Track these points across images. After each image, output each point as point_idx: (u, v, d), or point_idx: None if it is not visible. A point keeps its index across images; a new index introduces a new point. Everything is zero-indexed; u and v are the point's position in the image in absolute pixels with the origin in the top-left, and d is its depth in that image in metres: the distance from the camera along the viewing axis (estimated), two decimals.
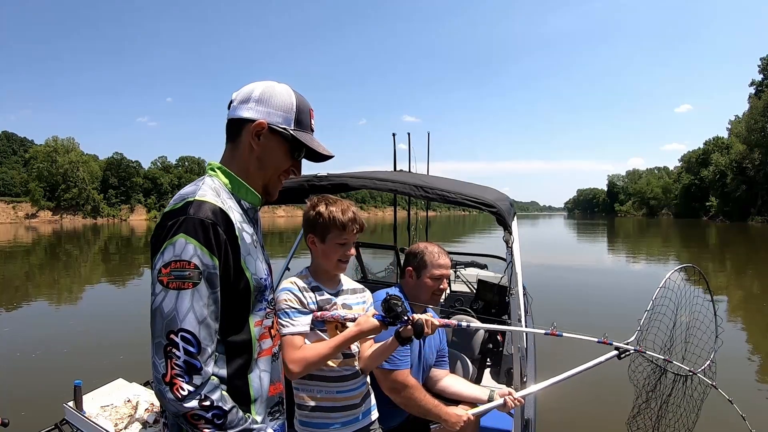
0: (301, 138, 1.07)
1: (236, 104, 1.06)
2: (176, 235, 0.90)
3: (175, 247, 0.90)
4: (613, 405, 2.31)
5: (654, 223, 62.78)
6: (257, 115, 1.04)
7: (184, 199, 0.96)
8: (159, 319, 0.90)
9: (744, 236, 32.21)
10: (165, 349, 0.89)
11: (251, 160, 1.06)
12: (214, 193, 1.00)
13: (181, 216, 0.92)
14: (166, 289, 0.89)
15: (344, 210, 1.49)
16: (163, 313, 0.89)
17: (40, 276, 13.56)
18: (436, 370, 2.01)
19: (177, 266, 0.89)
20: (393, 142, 4.31)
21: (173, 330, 0.89)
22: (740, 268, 15.25)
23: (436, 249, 1.96)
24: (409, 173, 3.51)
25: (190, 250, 0.90)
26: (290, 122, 1.07)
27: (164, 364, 0.89)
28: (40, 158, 70.49)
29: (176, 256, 0.89)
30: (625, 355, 1.79)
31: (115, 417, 1.78)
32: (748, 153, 56.85)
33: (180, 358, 0.89)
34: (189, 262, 0.89)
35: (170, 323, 0.89)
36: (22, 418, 3.05)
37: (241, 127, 1.05)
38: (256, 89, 1.06)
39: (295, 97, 1.08)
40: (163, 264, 0.90)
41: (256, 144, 1.05)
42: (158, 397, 0.92)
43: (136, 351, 5.58)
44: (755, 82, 62.23)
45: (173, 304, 0.89)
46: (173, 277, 0.89)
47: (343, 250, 1.50)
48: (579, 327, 1.76)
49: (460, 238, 25.74)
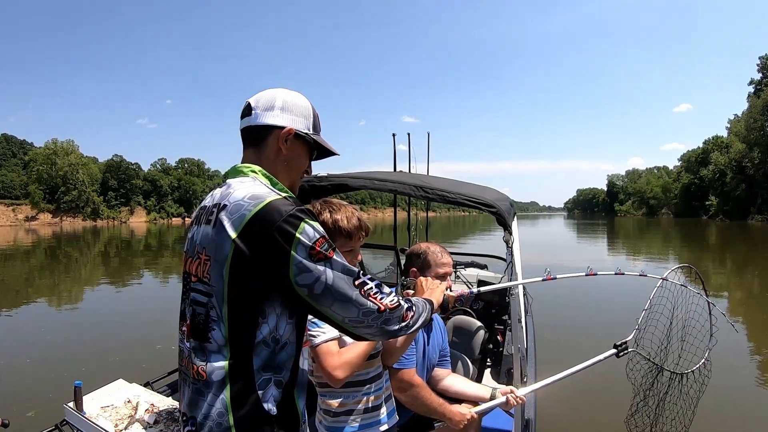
0: (320, 141, 1.18)
1: (260, 111, 1.13)
2: (299, 224, 0.98)
3: (307, 231, 0.98)
4: (614, 404, 2.32)
5: (654, 223, 62.80)
6: (285, 122, 1.13)
7: (266, 199, 1.00)
8: (344, 281, 1.00)
9: (744, 235, 32.23)
10: (362, 293, 1.02)
11: (278, 163, 1.14)
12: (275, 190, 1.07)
13: (289, 210, 0.99)
14: (327, 260, 0.99)
15: (349, 217, 1.47)
16: (342, 275, 1.00)
17: (40, 278, 13.56)
18: (438, 369, 2.02)
19: (321, 242, 0.99)
20: (393, 143, 4.33)
21: (355, 276, 1.02)
22: (740, 266, 15.26)
23: (438, 248, 1.97)
24: (408, 173, 3.52)
25: (319, 228, 1.01)
26: (309, 128, 1.16)
27: (371, 303, 1.03)
28: (39, 160, 70.53)
29: (315, 236, 0.99)
30: (623, 354, 1.80)
31: (116, 418, 1.78)
32: (747, 152, 56.86)
33: (373, 288, 1.04)
34: (324, 237, 1.00)
35: (351, 273, 1.01)
36: (22, 418, 3.05)
37: (267, 133, 1.12)
38: (278, 98, 1.14)
39: (310, 106, 1.18)
40: (310, 248, 0.98)
41: (285, 148, 1.13)
42: (381, 333, 1.06)
43: (137, 352, 5.60)
44: (754, 81, 62.25)
45: (341, 263, 1.01)
46: (324, 250, 0.99)
47: (350, 257, 1.47)
48: (579, 326, 1.77)
49: (460, 239, 25.74)
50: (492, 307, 3.35)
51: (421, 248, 1.98)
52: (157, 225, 67.12)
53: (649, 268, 11.92)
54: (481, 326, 2.87)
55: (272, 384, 1.00)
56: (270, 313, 0.99)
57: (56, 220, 69.44)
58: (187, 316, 1.05)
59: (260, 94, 1.16)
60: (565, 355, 4.62)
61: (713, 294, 9.71)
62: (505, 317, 3.07)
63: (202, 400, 0.99)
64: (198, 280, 1.02)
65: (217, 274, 0.98)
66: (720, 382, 1.95)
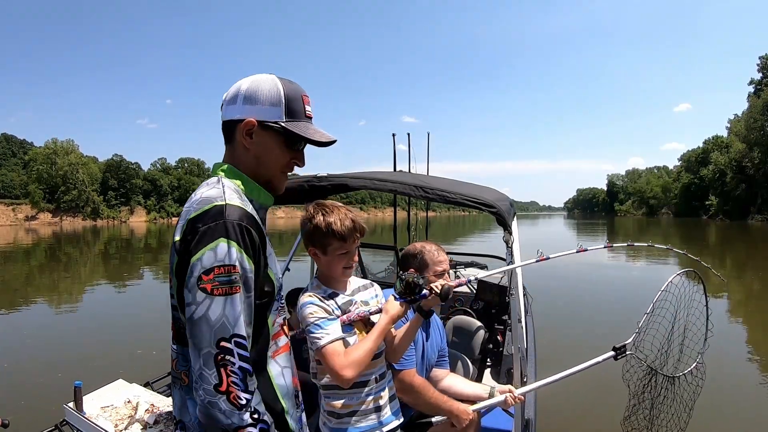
0: (294, 129, 1.03)
1: (226, 106, 1.05)
2: (216, 240, 0.87)
3: (216, 252, 0.86)
4: (614, 405, 2.32)
5: (654, 223, 62.76)
6: (246, 113, 1.01)
7: (212, 203, 0.92)
8: (206, 329, 0.86)
9: (744, 235, 32.22)
10: (216, 358, 0.86)
11: (250, 160, 1.04)
12: (236, 195, 0.98)
13: (218, 220, 0.89)
14: (210, 296, 0.86)
15: (342, 219, 1.43)
16: (211, 322, 0.86)
17: (40, 278, 13.55)
18: (437, 370, 2.02)
19: (221, 271, 0.86)
20: (393, 143, 4.32)
21: (225, 337, 0.86)
22: (740, 266, 15.26)
23: (434, 247, 1.98)
24: (408, 173, 3.52)
25: (234, 254, 0.87)
26: (281, 114, 1.02)
27: (216, 373, 0.85)
28: (39, 160, 70.48)
29: (219, 261, 0.86)
30: (621, 357, 1.80)
31: (116, 418, 1.79)
32: (747, 152, 56.84)
33: (236, 364, 0.87)
34: (233, 266, 0.87)
35: (221, 330, 0.86)
36: (22, 418, 3.05)
37: (233, 129, 1.03)
38: (242, 87, 1.04)
39: (282, 87, 1.03)
40: (204, 271, 0.86)
41: (249, 143, 1.02)
42: (204, 412, 0.87)
43: (137, 352, 5.59)
44: (754, 80, 62.18)
45: (221, 310, 0.86)
46: (218, 283, 0.86)
47: (347, 258, 1.46)
48: (578, 325, 1.77)
49: (460, 239, 25.73)
50: (492, 307, 3.35)
51: (417, 248, 1.98)
52: (157, 225, 67.09)
53: (650, 268, 11.94)
54: (481, 326, 2.87)
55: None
56: None
57: (56, 220, 69.40)
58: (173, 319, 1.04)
59: (232, 85, 1.07)
60: (565, 356, 4.62)
61: (713, 294, 9.72)
62: (505, 317, 3.07)
63: (188, 405, 0.98)
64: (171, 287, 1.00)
65: (173, 281, 0.96)
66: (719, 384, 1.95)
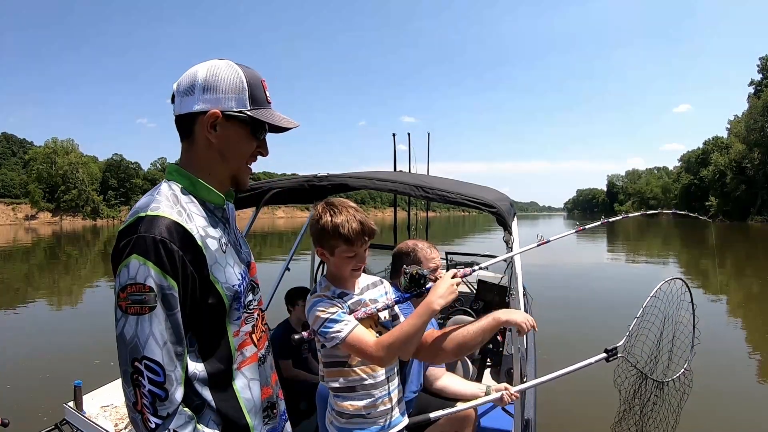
0: (261, 117, 0.97)
1: (181, 97, 0.95)
2: (129, 256, 0.84)
3: (129, 269, 0.84)
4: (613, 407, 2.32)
5: (654, 223, 62.70)
6: (208, 104, 0.94)
7: (136, 215, 0.88)
8: (122, 347, 0.86)
9: (744, 236, 32.24)
10: (132, 377, 0.86)
11: (211, 155, 0.97)
12: (170, 202, 0.92)
13: (132, 235, 0.86)
14: (125, 314, 0.85)
15: (350, 221, 1.39)
16: (126, 340, 0.85)
17: (40, 277, 13.55)
18: (433, 369, 2.01)
19: (133, 290, 0.84)
20: (393, 143, 4.33)
21: (137, 358, 0.85)
22: (740, 267, 15.26)
23: (426, 244, 1.98)
24: (409, 173, 3.52)
25: (144, 272, 0.84)
26: (245, 102, 0.96)
27: (133, 392, 0.86)
28: (39, 159, 70.45)
29: (131, 279, 0.84)
30: (612, 359, 1.82)
31: (115, 417, 1.79)
32: (747, 153, 56.83)
33: (145, 387, 0.85)
34: (144, 285, 0.84)
35: (133, 351, 0.85)
36: (22, 418, 3.05)
37: (192, 122, 0.95)
38: (198, 75, 0.95)
39: (243, 73, 0.96)
40: (120, 288, 0.85)
41: (214, 137, 0.95)
42: (133, 425, 0.89)
43: None
44: (754, 81, 62.17)
45: (134, 330, 0.84)
46: (130, 301, 0.84)
47: (354, 261, 1.43)
48: (578, 325, 1.77)
49: (460, 238, 25.73)
50: (492, 307, 3.35)
51: (409, 246, 1.98)
52: None
53: (649, 269, 11.93)
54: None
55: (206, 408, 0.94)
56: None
57: (56, 219, 69.37)
58: None
59: (185, 73, 0.98)
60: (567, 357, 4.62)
61: (713, 294, 9.71)
62: None
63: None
64: None
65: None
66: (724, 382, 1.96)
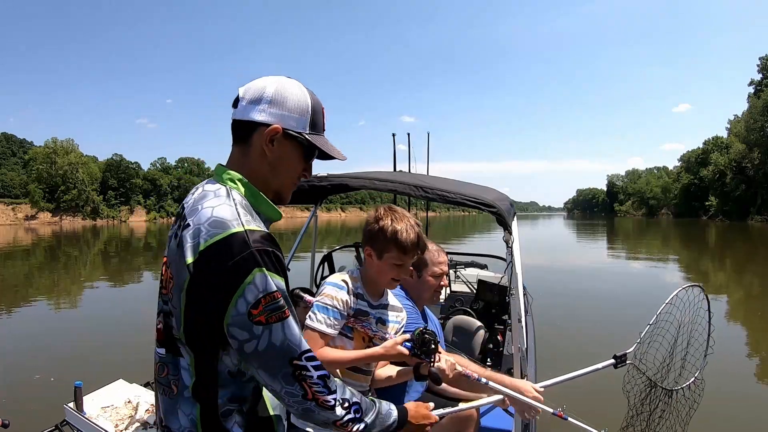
0: (317, 143, 1.01)
1: (246, 104, 0.98)
2: (251, 272, 0.86)
3: (256, 284, 0.86)
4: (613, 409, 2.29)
5: (654, 223, 62.76)
6: (271, 118, 0.97)
7: (229, 230, 0.88)
8: (274, 355, 0.89)
9: (744, 235, 32.23)
10: (294, 375, 0.90)
11: (263, 166, 0.99)
12: (248, 213, 0.93)
13: (245, 251, 0.87)
14: (267, 326, 0.87)
15: (408, 229, 1.39)
16: (277, 348, 0.88)
17: (39, 277, 13.54)
18: None
19: (267, 301, 0.87)
20: (393, 143, 4.33)
21: (294, 357, 0.90)
22: (740, 267, 15.26)
23: (435, 247, 1.98)
24: (408, 173, 3.52)
25: (270, 282, 0.87)
26: (305, 125, 1.00)
27: (299, 387, 0.91)
28: (39, 160, 70.35)
29: (262, 292, 0.87)
30: (621, 365, 1.79)
31: (116, 418, 1.78)
32: (747, 152, 56.86)
33: (313, 376, 0.92)
34: (274, 294, 0.88)
35: (289, 352, 0.89)
36: (22, 418, 3.05)
37: (252, 131, 0.98)
38: (268, 88, 0.98)
39: (309, 98, 1.00)
40: (251, 306, 0.86)
41: (270, 150, 0.98)
42: (302, 416, 0.95)
43: (137, 352, 5.59)
44: (754, 81, 62.23)
45: (282, 335, 0.88)
46: (268, 312, 0.87)
47: (399, 270, 1.42)
48: (577, 325, 1.76)
49: (460, 238, 25.74)
50: (492, 307, 3.35)
51: None
52: (157, 224, 67.07)
53: (649, 269, 11.88)
54: (481, 326, 2.87)
55: (236, 413, 0.96)
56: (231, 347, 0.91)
57: (56, 219, 69.32)
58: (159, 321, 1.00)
59: (253, 82, 1.01)
60: (566, 358, 4.62)
61: (712, 294, 9.71)
62: (505, 317, 3.07)
63: (175, 413, 0.97)
64: (167, 293, 0.96)
65: (177, 296, 0.92)
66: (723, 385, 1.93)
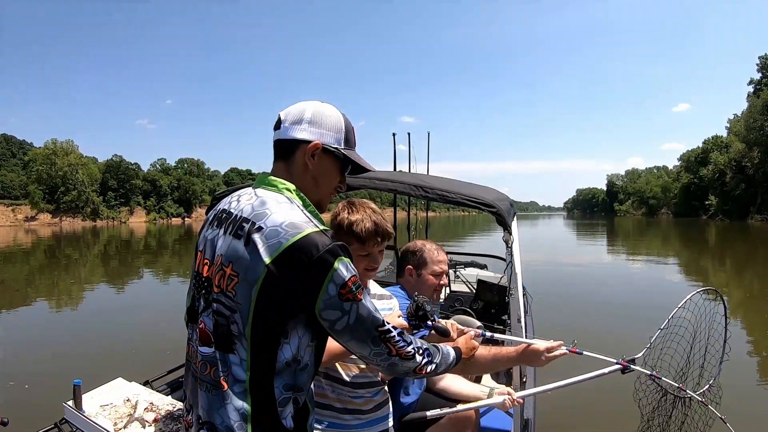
0: (351, 157, 1.17)
1: (288, 125, 1.14)
2: (335, 260, 1.01)
3: (341, 270, 1.01)
4: (614, 414, 2.25)
5: (654, 223, 62.82)
6: (312, 136, 1.13)
7: (306, 230, 1.01)
8: (365, 325, 1.05)
9: (744, 235, 32.25)
10: (381, 338, 1.07)
11: (306, 179, 1.14)
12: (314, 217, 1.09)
13: (328, 244, 1.01)
14: (355, 301, 1.03)
15: (364, 219, 1.41)
16: (365, 319, 1.05)
17: (39, 277, 13.56)
18: None
19: (352, 282, 1.03)
20: (393, 143, 4.33)
21: (379, 324, 1.07)
22: (740, 266, 15.28)
23: (434, 246, 1.98)
24: (408, 173, 3.52)
25: (350, 267, 1.03)
26: (340, 142, 1.16)
27: (385, 347, 1.08)
28: (39, 161, 70.38)
29: (348, 275, 1.02)
30: (628, 371, 1.74)
31: (115, 416, 1.78)
32: (747, 152, 56.89)
33: (395, 336, 1.10)
34: (354, 276, 1.04)
35: (375, 321, 1.06)
36: (22, 417, 3.05)
37: (295, 148, 1.13)
38: (307, 110, 1.15)
39: (343, 119, 1.18)
40: (340, 287, 1.01)
41: (312, 164, 1.13)
42: (388, 368, 1.12)
43: (136, 350, 5.60)
44: (754, 80, 62.23)
45: (367, 307, 1.05)
46: (353, 290, 1.03)
47: (366, 261, 1.44)
48: (577, 325, 1.74)
49: (460, 238, 25.75)
50: (491, 307, 3.35)
51: (417, 245, 1.99)
52: (157, 225, 67.11)
53: (649, 270, 11.87)
54: (481, 326, 2.87)
55: (291, 402, 1.04)
56: (293, 335, 1.02)
57: (56, 221, 69.35)
58: (204, 321, 1.06)
59: (291, 107, 1.17)
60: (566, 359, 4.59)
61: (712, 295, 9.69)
62: (505, 317, 3.07)
63: (221, 409, 1.01)
64: (221, 292, 1.02)
65: (245, 293, 0.99)
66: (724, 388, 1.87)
